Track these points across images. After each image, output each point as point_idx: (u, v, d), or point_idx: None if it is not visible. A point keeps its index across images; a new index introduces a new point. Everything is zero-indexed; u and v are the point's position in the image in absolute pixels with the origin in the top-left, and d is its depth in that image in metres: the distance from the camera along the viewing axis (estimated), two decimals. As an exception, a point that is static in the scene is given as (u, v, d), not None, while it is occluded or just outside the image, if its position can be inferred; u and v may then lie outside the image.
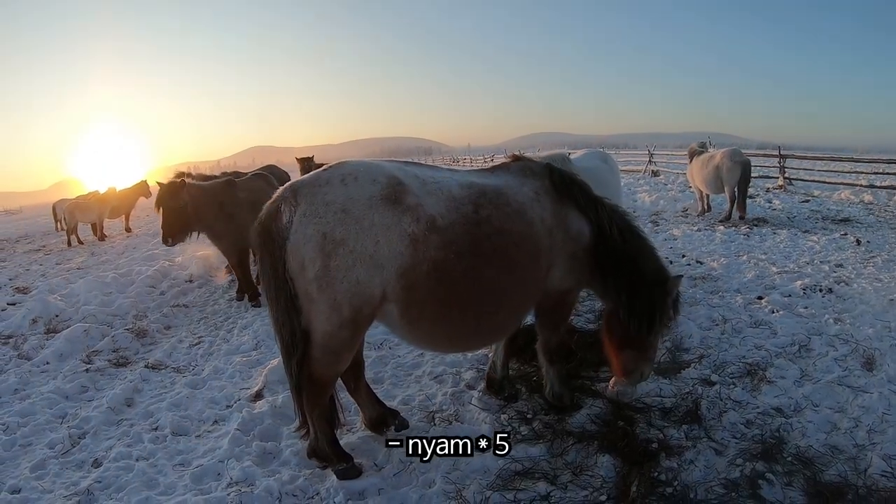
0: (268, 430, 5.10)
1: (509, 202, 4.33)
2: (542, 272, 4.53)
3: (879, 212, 15.59)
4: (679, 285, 4.79)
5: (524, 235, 4.31)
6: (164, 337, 8.05)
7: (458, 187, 4.23)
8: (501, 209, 4.25)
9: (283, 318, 3.99)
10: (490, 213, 4.17)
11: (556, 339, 5.10)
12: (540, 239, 4.42)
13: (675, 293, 4.79)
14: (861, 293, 8.06)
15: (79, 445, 5.16)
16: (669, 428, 4.75)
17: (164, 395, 6.06)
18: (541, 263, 4.47)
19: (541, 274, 4.52)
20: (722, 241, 12.46)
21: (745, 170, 14.28)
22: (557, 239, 4.55)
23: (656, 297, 4.68)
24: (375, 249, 3.79)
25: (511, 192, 4.42)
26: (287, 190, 3.97)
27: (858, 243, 11.44)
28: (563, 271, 4.66)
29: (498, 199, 4.29)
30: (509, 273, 4.23)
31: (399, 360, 6.54)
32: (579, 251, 4.66)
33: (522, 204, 4.41)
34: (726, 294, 8.37)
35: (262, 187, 9.46)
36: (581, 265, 4.71)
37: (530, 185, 4.61)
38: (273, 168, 14.25)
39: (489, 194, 4.28)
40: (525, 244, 4.31)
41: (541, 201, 4.53)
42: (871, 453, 4.28)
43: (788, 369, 5.69)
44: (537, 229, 4.41)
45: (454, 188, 4.20)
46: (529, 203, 4.46)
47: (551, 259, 4.55)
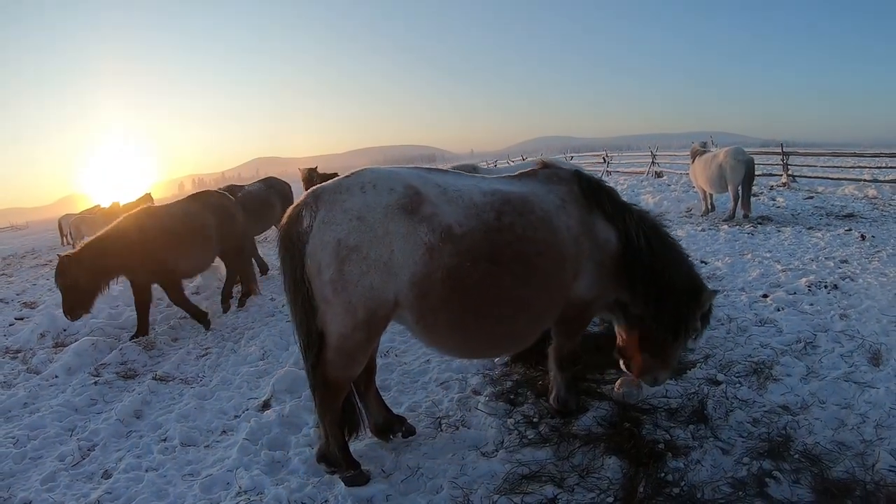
0: (276, 439, 5.12)
1: (534, 210, 4.32)
2: (568, 281, 4.50)
3: (884, 206, 15.53)
4: (713, 299, 4.85)
5: (549, 243, 4.30)
6: (172, 349, 8.09)
7: (481, 194, 4.23)
8: (526, 216, 4.24)
9: (301, 318, 4.07)
10: (513, 221, 4.17)
11: (570, 346, 5.05)
12: (566, 247, 4.41)
13: (707, 306, 4.83)
14: (866, 288, 8.03)
15: (89, 457, 5.20)
16: (676, 428, 4.74)
17: (173, 406, 6.09)
18: (566, 272, 4.44)
19: (566, 282, 4.49)
20: (726, 240, 12.43)
21: (748, 168, 14.25)
22: (584, 247, 4.53)
23: (684, 307, 4.72)
24: (390, 257, 3.86)
25: (536, 200, 4.41)
26: (310, 196, 4.06)
27: (863, 238, 11.39)
28: (590, 280, 4.62)
29: (523, 207, 4.28)
30: (531, 281, 4.23)
31: (405, 368, 6.54)
32: (606, 259, 4.63)
33: (548, 211, 4.39)
34: (731, 293, 8.35)
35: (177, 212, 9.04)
36: (608, 273, 4.68)
37: (556, 191, 4.59)
38: (272, 180, 14.38)
39: (514, 201, 4.28)
40: (550, 252, 4.30)
41: (567, 209, 4.52)
42: (878, 449, 4.26)
43: (794, 367, 5.67)
44: (563, 237, 4.40)
45: (476, 195, 4.21)
46: (555, 210, 4.44)
47: (578, 267, 4.52)
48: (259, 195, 13.36)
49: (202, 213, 9.14)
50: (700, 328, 4.96)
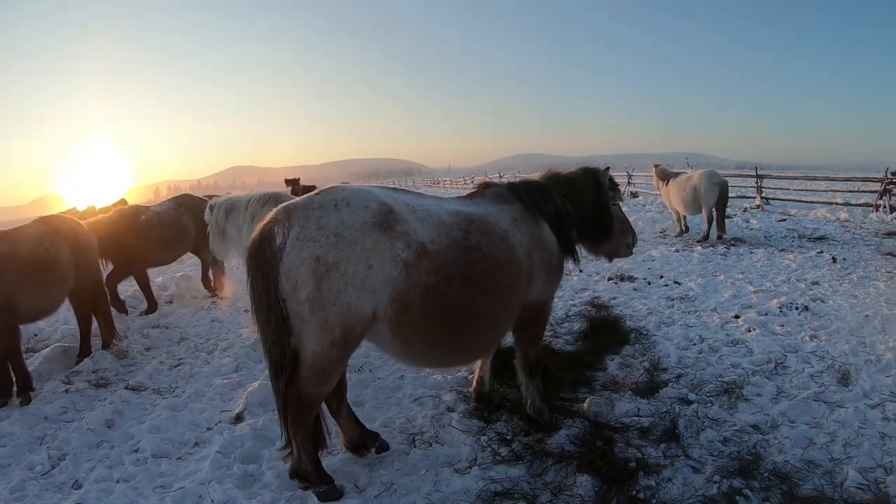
0: (249, 452, 5.08)
1: (494, 229, 4.56)
2: (524, 290, 4.78)
3: (855, 229, 15.84)
4: (608, 174, 5.71)
5: (508, 260, 4.54)
6: (145, 358, 7.97)
7: (447, 214, 4.40)
8: (488, 236, 4.46)
9: (274, 338, 4.02)
10: (479, 240, 4.37)
11: (534, 352, 5.30)
12: (521, 261, 4.70)
13: (606, 180, 5.64)
14: (837, 310, 8.19)
15: (59, 467, 5.10)
16: (648, 447, 4.79)
17: (145, 417, 6.00)
18: (522, 283, 4.72)
19: (522, 291, 4.76)
20: (699, 261, 12.60)
21: (722, 190, 14.53)
22: (535, 258, 4.88)
23: (601, 209, 5.56)
24: (367, 274, 3.87)
25: (494, 220, 4.67)
26: (281, 213, 4.04)
27: (834, 261, 11.63)
28: (541, 284, 5.03)
29: (485, 227, 4.50)
30: (498, 295, 4.43)
31: (380, 383, 6.54)
32: (553, 259, 5.11)
33: (505, 231, 4.67)
34: (703, 313, 8.47)
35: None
36: (556, 271, 5.21)
37: (507, 211, 4.91)
38: (185, 198, 11.94)
39: (476, 221, 4.49)
40: (510, 267, 4.55)
41: (519, 226, 4.84)
42: (847, 467, 4.35)
43: (765, 387, 5.77)
44: (519, 254, 4.68)
45: (443, 215, 4.37)
46: (510, 229, 4.74)
47: (531, 276, 4.85)
48: (167, 216, 11.19)
49: (54, 240, 7.37)
50: (615, 194, 5.79)
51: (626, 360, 6.75)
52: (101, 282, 8.61)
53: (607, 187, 5.61)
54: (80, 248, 7.71)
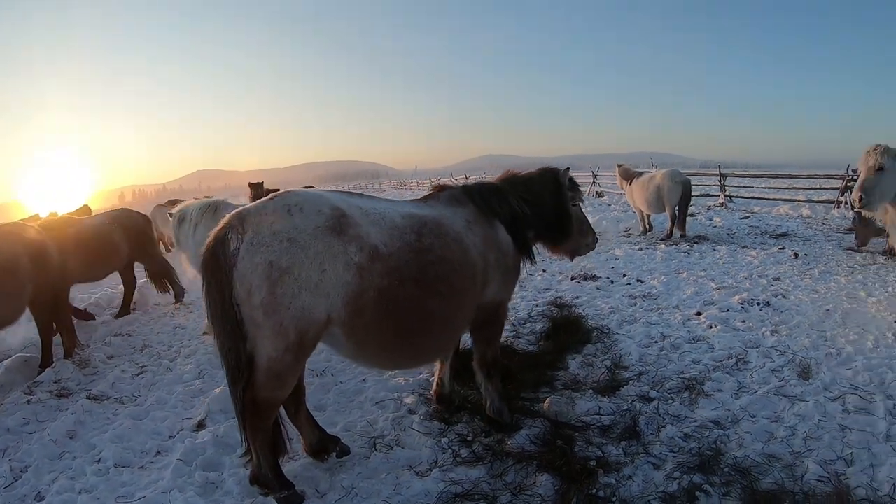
0: (210, 459, 5.03)
1: (448, 232, 4.58)
2: (479, 291, 4.81)
3: (817, 225, 16.12)
4: (567, 175, 5.65)
5: (462, 262, 4.56)
6: (107, 367, 7.84)
7: (401, 217, 4.40)
8: (442, 238, 4.48)
9: (229, 343, 3.99)
10: (432, 242, 4.38)
11: (491, 352, 5.34)
12: (476, 263, 4.72)
13: (566, 180, 5.60)
14: (798, 305, 8.34)
15: (21, 479, 5.00)
16: (608, 445, 4.83)
17: (107, 426, 5.91)
18: (477, 285, 4.75)
19: (477, 293, 4.79)
20: (662, 259, 12.73)
21: (685, 189, 14.74)
22: (490, 259, 4.92)
23: (560, 209, 5.55)
24: (321, 278, 3.85)
25: (447, 222, 4.67)
26: (235, 218, 4.00)
27: (796, 256, 11.82)
28: (497, 285, 5.06)
29: (438, 230, 4.51)
30: (451, 297, 4.45)
31: (342, 387, 6.51)
32: (509, 261, 5.14)
33: (459, 233, 4.68)
34: (665, 311, 8.56)
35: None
36: (513, 274, 5.28)
37: (461, 213, 4.92)
38: (120, 213, 11.44)
39: (429, 224, 4.50)
40: (464, 269, 4.57)
41: (473, 229, 4.86)
42: (807, 460, 4.42)
43: (726, 382, 5.85)
44: (473, 255, 4.70)
45: (396, 218, 4.36)
46: (464, 231, 4.75)
47: (486, 278, 4.88)
48: (99, 231, 10.47)
49: (13, 249, 7.20)
50: (576, 194, 5.80)
51: (588, 358, 6.78)
52: (63, 291, 8.38)
53: (567, 187, 5.60)
54: (39, 256, 7.52)
